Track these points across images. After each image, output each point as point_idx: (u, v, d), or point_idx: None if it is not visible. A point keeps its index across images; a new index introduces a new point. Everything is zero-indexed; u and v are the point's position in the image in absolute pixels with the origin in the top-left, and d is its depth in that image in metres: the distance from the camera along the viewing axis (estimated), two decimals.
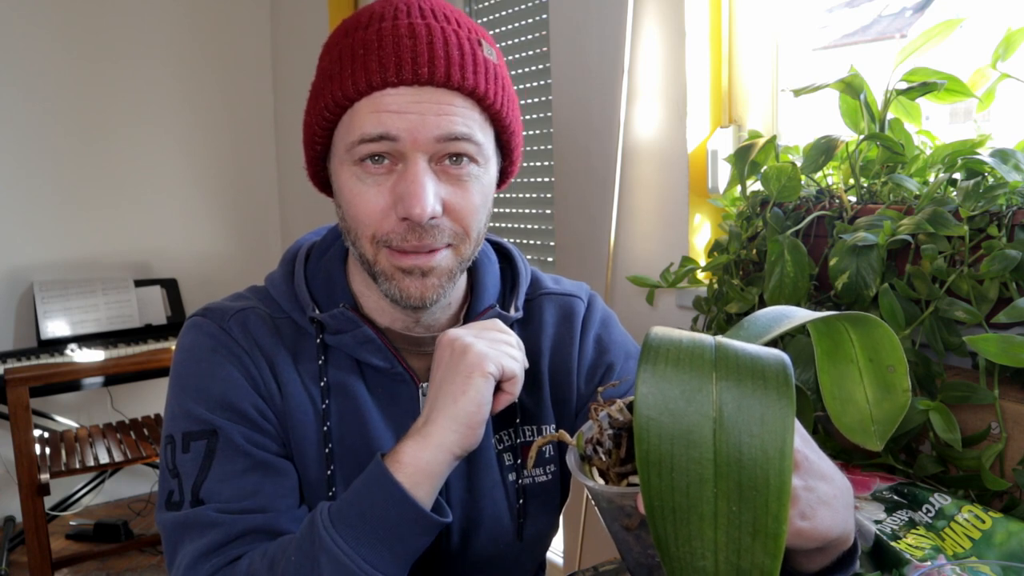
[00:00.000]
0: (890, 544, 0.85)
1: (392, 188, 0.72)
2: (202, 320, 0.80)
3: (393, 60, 0.70)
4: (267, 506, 0.74)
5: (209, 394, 0.76)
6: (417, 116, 0.70)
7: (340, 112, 0.73)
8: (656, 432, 0.42)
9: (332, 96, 0.72)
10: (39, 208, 3.01)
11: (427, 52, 0.70)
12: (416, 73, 0.70)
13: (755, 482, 0.41)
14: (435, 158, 0.72)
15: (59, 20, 2.98)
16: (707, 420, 0.42)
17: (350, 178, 0.73)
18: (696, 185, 1.57)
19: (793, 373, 0.44)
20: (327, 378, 0.79)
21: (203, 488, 0.73)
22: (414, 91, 0.70)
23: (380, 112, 0.70)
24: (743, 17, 1.54)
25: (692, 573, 0.41)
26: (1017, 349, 0.87)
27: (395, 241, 0.73)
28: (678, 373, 0.43)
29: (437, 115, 0.71)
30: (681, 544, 0.41)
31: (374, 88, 0.70)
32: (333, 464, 0.78)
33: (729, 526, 0.41)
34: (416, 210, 0.70)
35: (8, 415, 2.18)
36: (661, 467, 0.41)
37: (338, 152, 0.75)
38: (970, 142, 1.06)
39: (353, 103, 0.72)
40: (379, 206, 0.72)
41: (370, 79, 0.70)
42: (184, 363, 0.79)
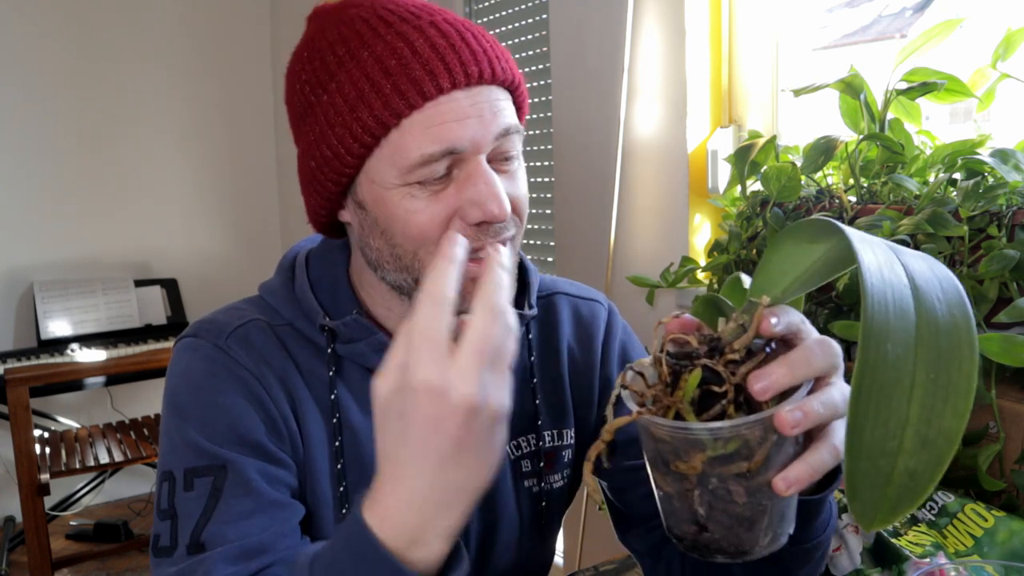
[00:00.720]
0: (890, 541, 0.86)
1: (455, 195, 0.66)
2: (195, 341, 0.74)
3: (441, 66, 0.64)
4: (268, 549, 0.66)
5: (215, 425, 0.69)
6: (476, 119, 0.66)
7: (382, 134, 0.66)
8: (880, 300, 0.40)
9: (373, 115, 0.65)
10: (39, 208, 3.01)
11: (469, 52, 0.66)
12: (467, 73, 0.65)
13: (951, 344, 0.40)
14: (490, 157, 0.68)
15: (59, 20, 2.98)
16: (907, 288, 0.41)
17: (402, 199, 0.66)
18: (696, 185, 1.57)
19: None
20: (338, 391, 0.74)
21: (205, 531, 0.66)
22: (466, 93, 0.66)
23: (439, 125, 0.64)
24: (743, 17, 1.54)
25: (877, 458, 0.39)
26: (1018, 349, 0.87)
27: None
28: (873, 250, 0.43)
29: (492, 114, 0.67)
30: (877, 426, 0.39)
31: (427, 98, 0.64)
32: (346, 481, 0.74)
33: (925, 394, 0.40)
34: (498, 211, 0.65)
35: (8, 415, 2.18)
36: (879, 339, 0.39)
37: (380, 178, 0.67)
38: (970, 142, 1.07)
39: (400, 121, 0.65)
40: (442, 217, 0.67)
41: (422, 88, 0.64)
42: (181, 391, 0.72)
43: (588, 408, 0.86)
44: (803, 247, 0.50)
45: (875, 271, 0.41)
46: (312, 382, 0.75)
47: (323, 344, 0.75)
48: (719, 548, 0.50)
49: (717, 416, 0.48)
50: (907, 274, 0.43)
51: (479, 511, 0.79)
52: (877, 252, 0.43)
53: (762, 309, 0.49)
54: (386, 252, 0.70)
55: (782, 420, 0.46)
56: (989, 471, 0.95)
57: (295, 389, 0.73)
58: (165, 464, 0.70)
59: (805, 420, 0.47)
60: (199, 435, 0.69)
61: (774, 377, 0.47)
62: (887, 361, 0.39)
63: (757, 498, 0.48)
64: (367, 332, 0.74)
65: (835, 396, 0.49)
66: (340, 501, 0.74)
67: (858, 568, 0.87)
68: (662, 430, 0.48)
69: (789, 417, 0.46)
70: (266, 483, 0.69)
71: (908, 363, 0.39)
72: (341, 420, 0.75)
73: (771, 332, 0.49)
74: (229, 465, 0.68)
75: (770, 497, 0.48)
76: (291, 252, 0.83)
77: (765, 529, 0.49)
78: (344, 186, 0.70)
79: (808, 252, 0.50)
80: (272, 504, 0.69)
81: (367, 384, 0.75)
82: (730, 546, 0.49)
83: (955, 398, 0.40)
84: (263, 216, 3.47)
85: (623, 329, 0.89)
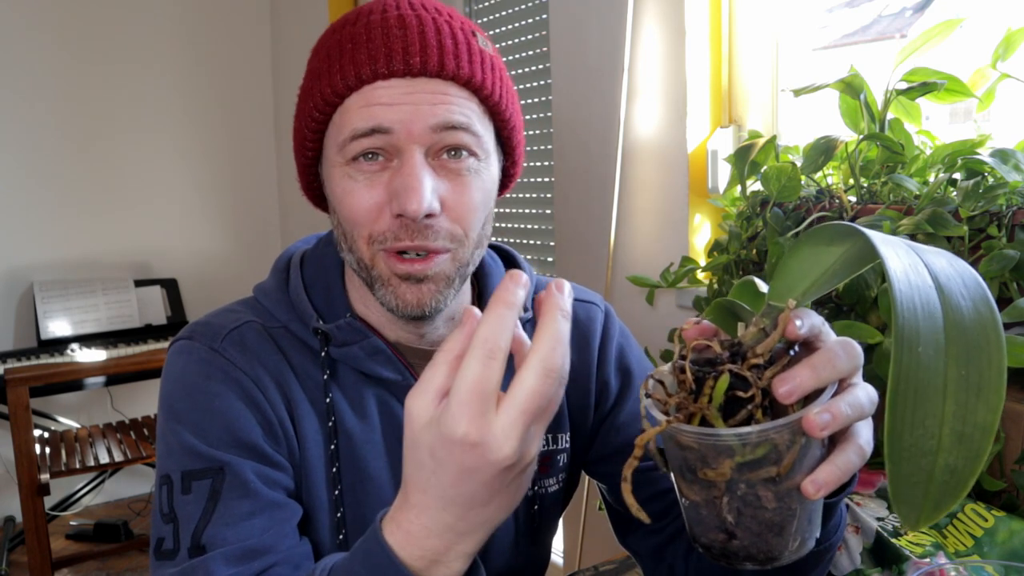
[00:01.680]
0: (891, 541, 0.86)
1: (387, 184, 0.68)
2: (190, 343, 0.73)
3: (383, 51, 0.66)
4: (271, 551, 0.67)
5: (211, 427, 0.69)
6: (411, 107, 0.66)
7: (330, 111, 0.69)
8: (909, 306, 0.40)
9: (321, 94, 0.68)
10: (39, 208, 3.01)
11: (419, 42, 0.67)
12: (408, 63, 0.66)
13: (978, 340, 0.41)
14: (432, 152, 0.68)
15: (59, 20, 2.98)
16: (932, 289, 0.42)
17: (342, 178, 0.69)
18: (696, 185, 1.58)
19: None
20: (332, 394, 0.74)
21: (205, 533, 0.66)
22: (407, 83, 0.67)
23: (371, 105, 0.66)
24: (743, 17, 1.54)
25: (918, 458, 0.40)
26: (1018, 350, 0.87)
27: (389, 240, 0.68)
28: (897, 253, 0.43)
29: (432, 104, 0.67)
30: (916, 427, 0.40)
31: (364, 82, 0.67)
32: (341, 484, 0.74)
33: (958, 391, 0.40)
34: (412, 206, 0.65)
35: (8, 415, 2.19)
36: (911, 343, 0.40)
37: (329, 154, 0.71)
38: (970, 142, 1.06)
39: (344, 99, 0.68)
40: (373, 203, 0.68)
41: (359, 72, 0.67)
42: (176, 394, 0.71)
43: (584, 412, 0.85)
44: (821, 249, 0.50)
45: (902, 276, 0.41)
46: (307, 384, 0.74)
47: (317, 347, 0.75)
48: (748, 555, 0.49)
49: (743, 422, 0.48)
50: (931, 274, 0.43)
51: None
52: (901, 255, 0.43)
53: (788, 312, 0.49)
54: (339, 231, 0.73)
55: (811, 423, 0.46)
56: (989, 471, 0.95)
57: (291, 391, 0.73)
58: (163, 468, 0.70)
59: (834, 422, 0.46)
60: (195, 438, 0.69)
61: (799, 380, 0.47)
62: (920, 363, 0.40)
63: (786, 503, 0.48)
64: (361, 335, 0.74)
65: (860, 397, 0.49)
66: (335, 504, 0.74)
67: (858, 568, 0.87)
68: (689, 437, 0.48)
69: (818, 420, 0.46)
70: (263, 484, 0.69)
71: (940, 363, 0.40)
72: (336, 424, 0.74)
73: (796, 335, 0.49)
74: (226, 467, 0.68)
75: (799, 501, 0.48)
76: (286, 253, 0.83)
77: (794, 534, 0.49)
78: (311, 161, 0.74)
79: (826, 254, 0.50)
80: (271, 505, 0.69)
81: (362, 387, 0.76)
82: (759, 552, 0.49)
83: (987, 392, 0.41)
84: (263, 216, 3.48)
85: (620, 332, 0.88)
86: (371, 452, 0.75)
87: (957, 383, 0.40)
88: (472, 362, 0.46)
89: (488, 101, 0.71)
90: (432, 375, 0.48)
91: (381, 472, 0.76)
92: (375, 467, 0.75)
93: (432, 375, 0.48)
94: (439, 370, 0.48)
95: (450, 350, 0.49)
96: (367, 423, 0.75)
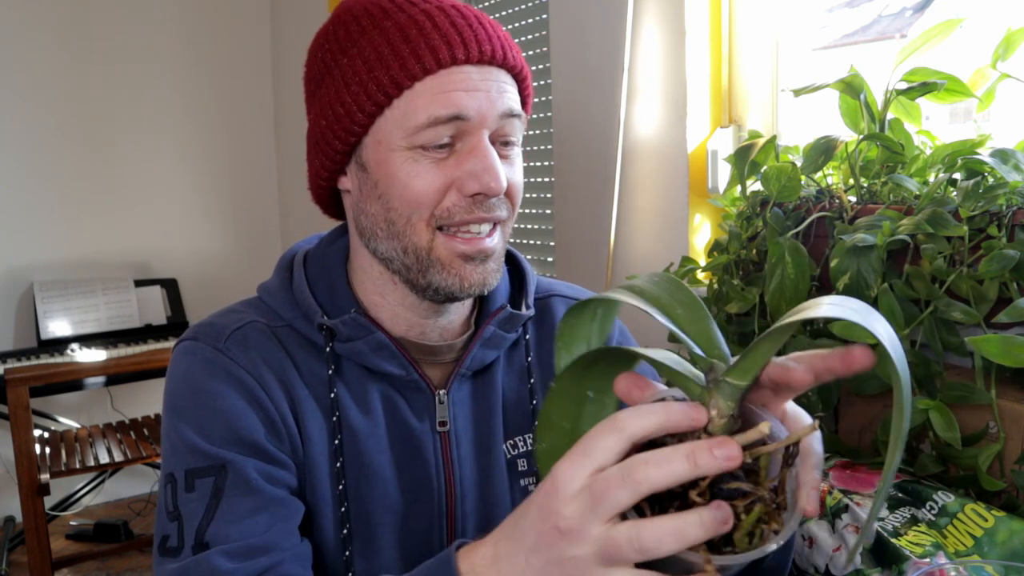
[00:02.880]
0: (891, 541, 0.86)
1: (455, 166, 0.70)
2: (194, 344, 0.74)
3: (458, 38, 0.69)
4: (274, 548, 0.67)
5: (214, 426, 0.70)
6: (484, 94, 0.69)
7: (396, 94, 0.69)
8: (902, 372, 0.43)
9: (389, 75, 0.68)
10: (39, 208, 3.01)
11: (483, 33, 0.70)
12: (481, 51, 0.69)
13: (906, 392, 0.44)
14: (492, 138, 0.71)
15: (58, 20, 2.98)
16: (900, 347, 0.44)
17: (404, 162, 0.69)
18: (696, 185, 1.58)
19: None
20: (336, 390, 0.75)
21: (208, 530, 0.67)
22: (477, 70, 0.70)
23: (449, 92, 0.68)
24: (743, 17, 1.54)
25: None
26: (1018, 350, 0.87)
27: (459, 215, 0.70)
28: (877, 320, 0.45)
29: (499, 92, 0.70)
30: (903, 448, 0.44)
31: (442, 65, 0.68)
32: (345, 479, 0.74)
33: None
34: (494, 184, 0.68)
35: (8, 415, 2.18)
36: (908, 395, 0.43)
37: (385, 138, 0.70)
38: (970, 142, 1.07)
39: (414, 83, 0.68)
40: (440, 184, 0.69)
41: (438, 56, 0.68)
42: (180, 393, 0.73)
43: None
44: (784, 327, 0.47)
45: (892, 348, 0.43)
46: (311, 382, 0.75)
47: (321, 343, 0.76)
48: None
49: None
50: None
51: (476, 509, 0.80)
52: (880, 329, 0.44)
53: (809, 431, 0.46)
54: (380, 218, 0.73)
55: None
56: (989, 471, 0.95)
57: (294, 389, 0.74)
58: (167, 467, 0.71)
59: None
60: (198, 437, 0.70)
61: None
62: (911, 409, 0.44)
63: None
64: (365, 331, 0.75)
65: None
66: (340, 499, 0.74)
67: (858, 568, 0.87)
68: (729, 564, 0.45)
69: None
70: (266, 482, 0.70)
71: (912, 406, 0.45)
72: (340, 419, 0.75)
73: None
74: (229, 465, 0.69)
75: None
76: (289, 253, 0.84)
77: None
78: (351, 146, 0.73)
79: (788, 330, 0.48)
80: (273, 502, 0.70)
81: (366, 383, 0.77)
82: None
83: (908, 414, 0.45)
84: (263, 216, 3.47)
85: (619, 331, 0.89)
86: (375, 447, 0.76)
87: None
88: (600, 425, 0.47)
89: (524, 92, 0.76)
90: (583, 458, 0.47)
91: (385, 468, 0.76)
92: (379, 462, 0.76)
93: (583, 458, 0.47)
94: (579, 473, 0.47)
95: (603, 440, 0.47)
96: (371, 419, 0.76)
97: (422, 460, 0.77)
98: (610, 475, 0.45)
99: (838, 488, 0.98)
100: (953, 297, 1.00)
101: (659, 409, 0.45)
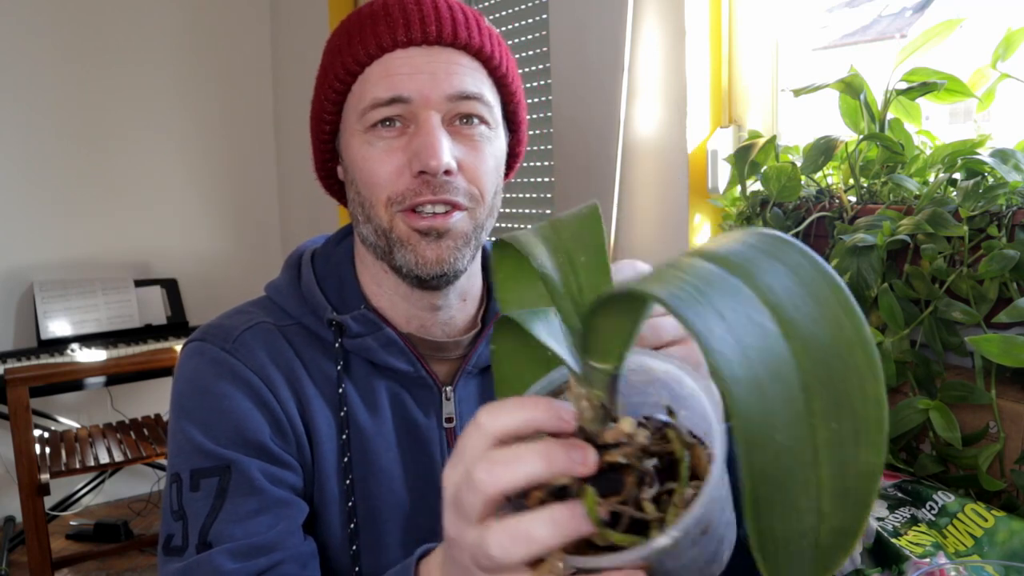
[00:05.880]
0: (890, 541, 0.86)
1: (405, 147, 0.71)
2: (203, 345, 0.75)
3: (401, 22, 0.71)
4: (276, 548, 0.68)
5: (220, 427, 0.71)
6: (428, 75, 0.70)
7: (351, 82, 0.73)
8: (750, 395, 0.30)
9: (343, 65, 0.72)
10: (39, 208, 3.01)
11: (433, 13, 0.72)
12: (425, 32, 0.71)
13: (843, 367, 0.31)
14: (447, 119, 0.72)
15: (58, 21, 2.98)
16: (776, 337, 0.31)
17: (361, 145, 0.72)
18: (696, 185, 1.57)
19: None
20: (344, 386, 0.75)
21: (212, 530, 0.67)
22: (424, 51, 0.71)
23: (391, 75, 0.70)
24: (743, 17, 1.54)
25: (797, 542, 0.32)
26: (1018, 350, 0.87)
27: (410, 198, 0.71)
28: (716, 315, 0.31)
29: (448, 73, 0.71)
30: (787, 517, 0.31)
31: (384, 50, 0.71)
32: (352, 474, 0.75)
33: (832, 451, 0.31)
34: (432, 161, 0.69)
35: (8, 415, 2.18)
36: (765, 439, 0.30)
37: (348, 125, 0.74)
38: (970, 142, 1.06)
39: (364, 68, 0.72)
40: (393, 166, 0.71)
41: (380, 41, 0.71)
42: (188, 394, 0.73)
43: None
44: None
45: (732, 356, 0.30)
46: (319, 380, 0.75)
47: (330, 340, 0.76)
48: None
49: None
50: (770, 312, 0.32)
51: None
52: (727, 314, 0.31)
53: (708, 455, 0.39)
54: (356, 203, 0.75)
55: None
56: (989, 471, 0.95)
57: (302, 389, 0.74)
58: (173, 466, 0.72)
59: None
60: (204, 437, 0.71)
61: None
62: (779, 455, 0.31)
63: None
64: (374, 327, 0.75)
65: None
66: (346, 494, 0.75)
67: (858, 568, 0.87)
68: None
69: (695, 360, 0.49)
70: (270, 483, 0.70)
71: (804, 435, 0.31)
72: (348, 415, 0.75)
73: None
74: (233, 465, 0.70)
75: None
76: (296, 251, 0.85)
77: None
78: (329, 135, 0.77)
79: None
80: (277, 502, 0.70)
81: (373, 380, 0.77)
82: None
83: (867, 433, 0.32)
84: (263, 216, 3.47)
85: None
86: (382, 444, 0.76)
87: (830, 442, 0.31)
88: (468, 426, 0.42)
89: (496, 73, 0.75)
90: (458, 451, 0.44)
91: (392, 465, 0.76)
92: (386, 459, 0.76)
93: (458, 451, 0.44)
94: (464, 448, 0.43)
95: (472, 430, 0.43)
96: (378, 416, 0.77)
97: (428, 456, 0.78)
98: (457, 478, 0.41)
99: None
100: (953, 297, 1.00)
101: (523, 405, 0.40)
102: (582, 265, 0.41)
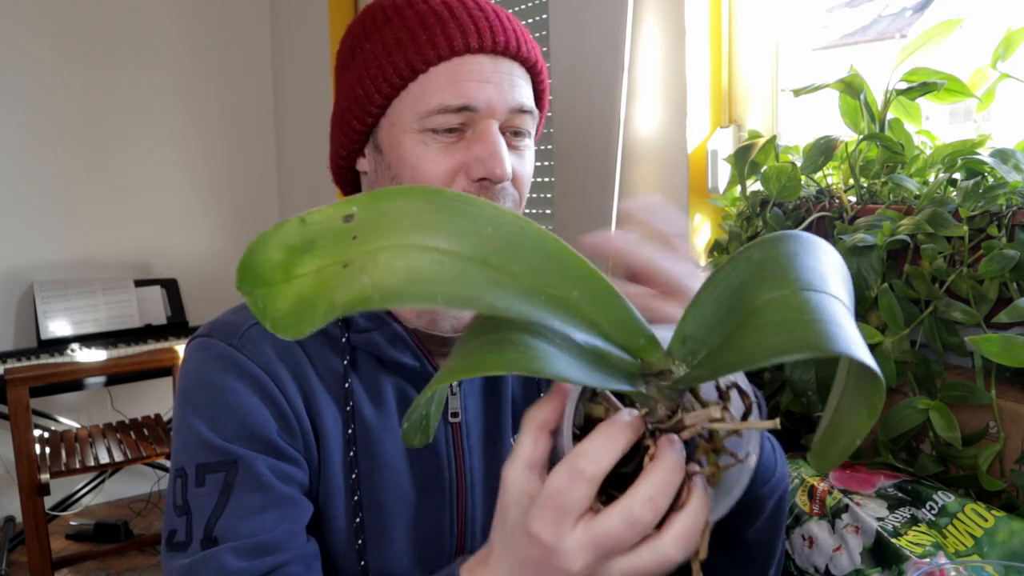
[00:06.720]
0: (890, 541, 0.86)
1: (464, 151, 0.72)
2: (209, 340, 0.75)
3: (473, 27, 0.71)
4: (281, 548, 0.68)
5: (226, 422, 0.71)
6: (495, 86, 0.72)
7: (411, 78, 0.72)
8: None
9: (406, 60, 0.72)
10: (39, 208, 3.01)
11: (498, 23, 0.73)
12: (494, 41, 0.72)
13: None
14: (502, 128, 0.73)
15: (59, 21, 2.98)
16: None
17: (415, 144, 0.72)
18: (696, 185, 1.57)
19: None
20: (350, 381, 0.76)
21: (217, 526, 0.67)
22: (490, 60, 0.72)
23: (460, 82, 0.71)
24: (743, 17, 1.54)
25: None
26: (1018, 350, 0.87)
27: None
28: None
29: (511, 85, 0.73)
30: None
31: (455, 53, 0.71)
32: (357, 468, 0.75)
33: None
34: (498, 170, 0.70)
35: (8, 415, 2.18)
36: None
37: (398, 119, 0.73)
38: (970, 142, 1.06)
39: (429, 68, 0.72)
40: (446, 168, 0.72)
41: (452, 44, 0.71)
42: (194, 389, 0.73)
43: None
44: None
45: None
46: (325, 375, 0.76)
47: (337, 334, 0.76)
48: None
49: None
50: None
51: (484, 500, 0.80)
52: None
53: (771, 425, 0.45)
54: None
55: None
56: (989, 471, 0.95)
57: (308, 384, 0.75)
58: (178, 461, 0.71)
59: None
60: (210, 432, 0.70)
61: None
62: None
63: None
64: (381, 322, 0.76)
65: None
66: (352, 488, 0.75)
67: (858, 568, 0.87)
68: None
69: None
70: (276, 479, 0.70)
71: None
72: (353, 409, 0.75)
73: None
74: (240, 461, 0.69)
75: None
76: None
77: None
78: (368, 127, 0.76)
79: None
80: (283, 499, 0.70)
81: (379, 375, 0.77)
82: None
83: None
84: (263, 216, 3.47)
85: None
86: (387, 439, 0.76)
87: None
88: (561, 472, 0.45)
89: (539, 87, 0.78)
90: (521, 445, 0.48)
91: (397, 459, 0.77)
92: (391, 454, 0.76)
93: (521, 445, 0.48)
94: (525, 440, 0.48)
95: (533, 419, 0.48)
96: (383, 411, 0.77)
97: (434, 451, 0.78)
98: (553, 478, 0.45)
99: (838, 488, 0.98)
100: (953, 297, 1.00)
101: (614, 438, 0.44)
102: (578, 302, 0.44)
